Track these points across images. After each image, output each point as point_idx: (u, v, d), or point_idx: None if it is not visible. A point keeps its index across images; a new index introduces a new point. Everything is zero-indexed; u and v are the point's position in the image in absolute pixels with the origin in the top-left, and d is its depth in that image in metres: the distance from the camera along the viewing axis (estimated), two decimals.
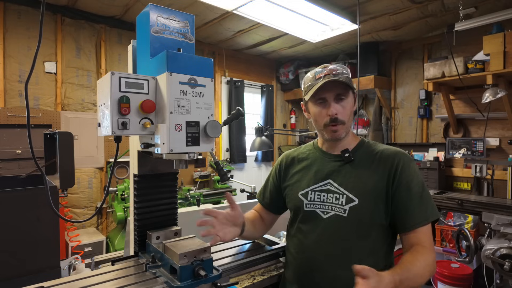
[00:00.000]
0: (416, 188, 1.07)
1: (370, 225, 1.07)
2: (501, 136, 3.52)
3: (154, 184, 1.19)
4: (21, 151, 3.08)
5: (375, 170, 1.11)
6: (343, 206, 1.09)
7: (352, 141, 1.21)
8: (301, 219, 1.19)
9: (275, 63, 5.51)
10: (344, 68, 1.17)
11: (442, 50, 3.94)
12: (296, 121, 5.74)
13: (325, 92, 1.13)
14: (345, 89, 1.14)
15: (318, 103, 1.16)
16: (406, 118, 4.40)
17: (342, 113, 1.13)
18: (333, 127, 1.13)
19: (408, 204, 1.05)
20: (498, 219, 2.46)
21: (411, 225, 1.04)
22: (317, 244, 1.12)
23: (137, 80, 0.96)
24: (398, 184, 1.07)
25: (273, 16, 3.34)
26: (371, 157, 1.15)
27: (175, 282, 0.93)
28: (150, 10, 1.04)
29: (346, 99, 1.14)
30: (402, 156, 1.11)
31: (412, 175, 1.08)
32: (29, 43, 3.24)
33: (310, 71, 1.23)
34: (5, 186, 1.93)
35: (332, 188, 1.13)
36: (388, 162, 1.10)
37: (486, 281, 2.67)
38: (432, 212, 1.06)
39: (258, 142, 2.77)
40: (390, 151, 1.14)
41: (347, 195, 1.09)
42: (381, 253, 1.10)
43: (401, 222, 1.06)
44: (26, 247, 1.70)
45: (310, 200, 1.16)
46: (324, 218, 1.12)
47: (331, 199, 1.12)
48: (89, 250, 3.11)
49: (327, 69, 1.15)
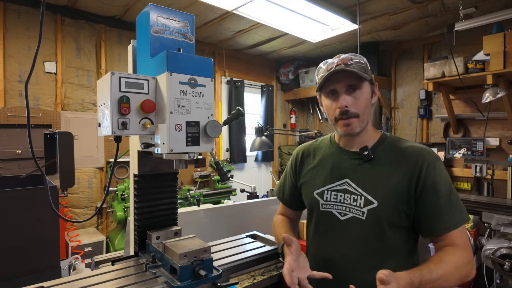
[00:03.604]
0: (443, 191, 0.98)
1: (390, 228, 1.01)
2: (501, 136, 3.52)
3: (154, 184, 1.18)
4: (21, 151, 3.08)
5: (397, 170, 1.02)
6: (361, 208, 1.03)
7: (372, 137, 1.11)
8: (316, 219, 1.15)
9: (275, 63, 5.51)
10: (361, 58, 1.08)
11: (442, 50, 3.94)
12: (296, 121, 5.74)
13: (335, 84, 1.06)
14: (358, 79, 1.04)
15: (329, 95, 1.09)
16: (406, 118, 4.40)
17: (354, 105, 1.04)
18: (345, 120, 1.05)
19: (435, 208, 0.97)
20: (498, 219, 2.45)
21: (439, 230, 0.97)
22: (334, 246, 1.09)
23: (137, 80, 0.96)
24: (424, 187, 0.98)
25: (273, 16, 3.34)
26: (392, 155, 1.06)
27: (175, 282, 0.93)
28: (150, 10, 1.04)
29: (359, 90, 1.05)
30: (426, 155, 1.02)
31: (438, 176, 0.99)
32: (29, 43, 3.24)
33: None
34: (5, 186, 1.93)
35: (350, 188, 1.07)
36: (411, 162, 1.01)
37: (486, 281, 2.66)
38: (461, 216, 0.98)
39: (258, 142, 2.76)
40: (413, 149, 1.04)
41: (365, 197, 1.03)
42: (402, 255, 1.04)
43: (428, 226, 0.99)
44: (26, 247, 1.70)
45: (326, 200, 1.11)
46: (342, 220, 1.07)
47: (349, 200, 1.06)
48: (89, 250, 3.10)
49: (340, 58, 1.07)
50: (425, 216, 0.99)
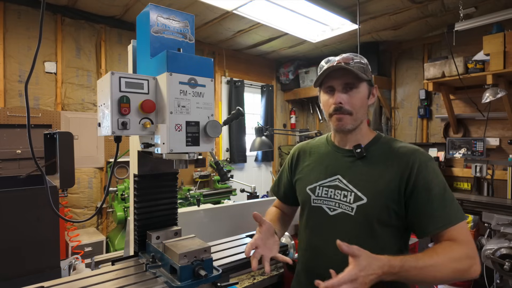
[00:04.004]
0: (436, 189, 0.98)
1: (379, 225, 1.02)
2: (501, 136, 3.52)
3: (154, 184, 1.18)
4: (21, 151, 3.08)
5: (389, 169, 1.04)
6: (351, 204, 1.05)
7: (366, 136, 1.14)
8: (308, 214, 1.18)
9: (275, 63, 5.51)
10: (362, 58, 1.11)
11: (442, 50, 3.94)
12: (296, 121, 5.74)
13: (333, 80, 1.09)
14: (356, 78, 1.07)
15: (327, 91, 1.12)
16: (406, 118, 4.40)
17: (348, 103, 1.07)
18: (338, 115, 1.08)
19: (429, 207, 0.97)
20: (498, 219, 2.45)
21: (432, 228, 0.97)
22: (324, 241, 1.10)
23: (137, 80, 0.96)
24: (415, 186, 0.99)
25: (273, 16, 3.34)
26: (385, 154, 1.08)
27: (175, 282, 0.93)
28: (150, 10, 1.04)
29: (356, 89, 1.08)
30: (418, 155, 1.03)
31: (431, 175, 1.00)
32: (29, 43, 3.24)
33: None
34: (5, 186, 1.93)
35: (341, 184, 1.09)
36: (403, 161, 1.03)
37: (486, 281, 2.66)
38: (456, 214, 0.97)
39: (258, 142, 2.77)
40: (406, 149, 1.06)
41: (355, 193, 1.05)
42: (392, 253, 1.02)
43: (421, 226, 0.99)
44: (26, 247, 1.69)
45: (317, 196, 1.14)
46: (331, 215, 1.09)
47: (339, 196, 1.08)
48: (89, 250, 3.10)
49: (342, 57, 1.11)
50: (417, 215, 0.99)
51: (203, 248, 0.98)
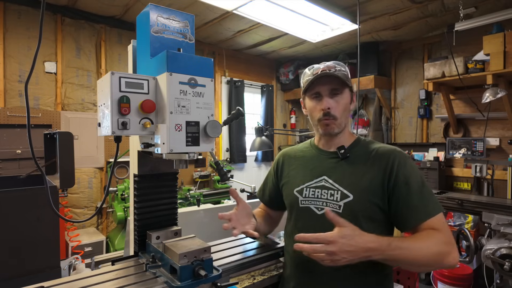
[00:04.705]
0: (415, 185, 1.05)
1: (366, 221, 1.06)
2: (501, 136, 3.52)
3: (154, 184, 1.18)
4: (21, 151, 3.08)
5: (371, 167, 1.10)
6: (338, 202, 1.09)
7: (348, 139, 1.22)
8: (296, 216, 1.20)
9: (275, 63, 5.51)
10: (342, 66, 1.19)
11: (442, 50, 3.94)
12: (296, 121, 5.74)
13: (320, 86, 1.15)
14: (341, 84, 1.15)
15: (313, 97, 1.18)
16: (406, 118, 4.40)
17: (335, 108, 1.14)
18: (326, 121, 1.15)
19: (409, 201, 1.04)
20: (498, 219, 2.45)
21: (414, 221, 1.03)
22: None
23: (137, 80, 0.96)
24: (396, 182, 1.06)
25: (273, 16, 3.34)
26: (366, 154, 1.14)
27: (175, 282, 0.93)
28: (150, 10, 1.04)
29: (340, 95, 1.15)
30: (397, 154, 1.11)
31: (409, 172, 1.07)
32: (29, 43, 3.24)
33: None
34: (5, 186, 1.93)
35: (327, 184, 1.14)
36: (383, 160, 1.10)
37: (486, 281, 2.67)
38: (434, 207, 1.04)
39: (258, 142, 2.77)
40: (385, 148, 1.14)
41: (342, 191, 1.10)
42: None
43: (403, 219, 1.05)
44: (26, 247, 1.70)
45: (305, 197, 1.17)
46: (319, 214, 1.12)
47: (326, 195, 1.12)
48: (89, 250, 3.11)
49: (325, 65, 1.18)
50: (399, 209, 1.05)
51: (203, 248, 0.98)
